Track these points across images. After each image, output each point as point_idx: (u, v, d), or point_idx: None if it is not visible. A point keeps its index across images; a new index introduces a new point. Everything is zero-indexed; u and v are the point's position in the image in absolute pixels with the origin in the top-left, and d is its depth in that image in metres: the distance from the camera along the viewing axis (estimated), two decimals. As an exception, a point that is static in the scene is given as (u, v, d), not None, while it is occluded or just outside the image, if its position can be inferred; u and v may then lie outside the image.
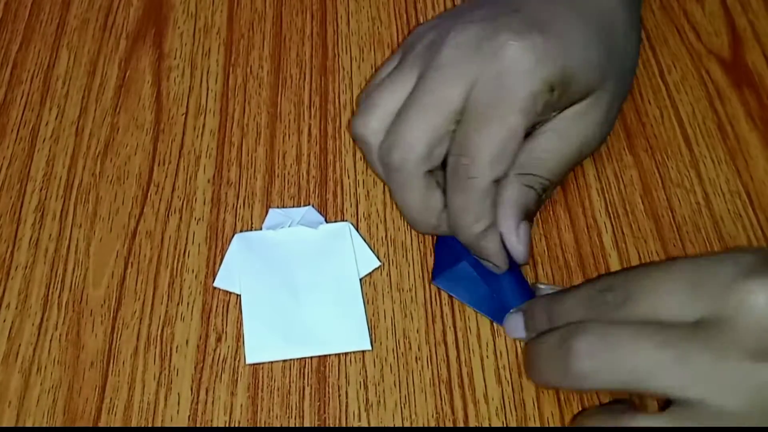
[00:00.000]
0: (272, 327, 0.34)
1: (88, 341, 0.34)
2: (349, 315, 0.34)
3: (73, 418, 0.32)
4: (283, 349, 0.34)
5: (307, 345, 0.34)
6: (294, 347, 0.34)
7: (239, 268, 0.36)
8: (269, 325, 0.34)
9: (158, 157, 0.39)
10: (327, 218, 0.37)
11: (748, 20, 0.44)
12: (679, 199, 0.38)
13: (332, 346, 0.34)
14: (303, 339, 0.34)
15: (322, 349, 0.34)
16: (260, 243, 0.36)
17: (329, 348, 0.34)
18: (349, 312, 0.34)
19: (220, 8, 0.45)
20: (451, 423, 0.32)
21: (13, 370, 0.33)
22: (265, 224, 0.37)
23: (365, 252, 0.36)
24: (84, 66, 0.42)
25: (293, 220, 0.37)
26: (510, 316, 0.34)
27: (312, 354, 0.34)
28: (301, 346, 0.34)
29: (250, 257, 0.36)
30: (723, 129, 0.40)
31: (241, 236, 0.36)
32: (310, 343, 0.34)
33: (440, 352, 0.34)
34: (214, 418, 0.32)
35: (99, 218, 0.37)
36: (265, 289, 0.35)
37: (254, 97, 0.41)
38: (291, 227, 0.37)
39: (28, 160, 0.39)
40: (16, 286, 0.35)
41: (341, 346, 0.34)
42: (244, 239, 0.36)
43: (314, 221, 0.37)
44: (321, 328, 0.34)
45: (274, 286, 0.35)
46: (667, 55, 0.42)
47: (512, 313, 0.34)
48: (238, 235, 0.36)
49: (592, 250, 0.36)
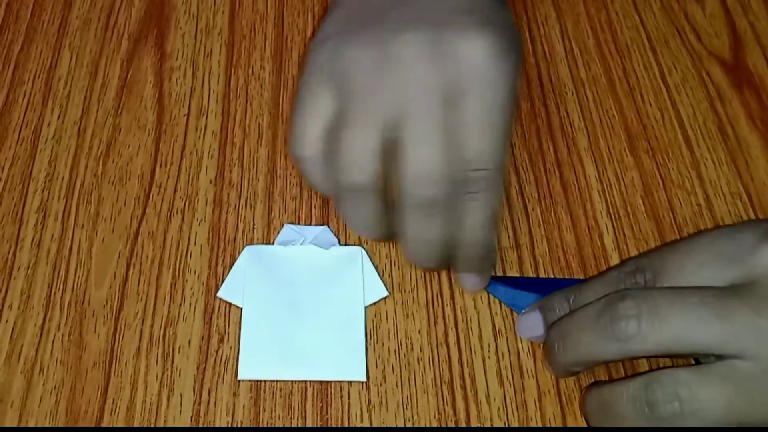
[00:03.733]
0: (269, 345, 0.34)
1: (91, 342, 0.34)
2: (348, 342, 0.34)
3: (76, 419, 0.32)
4: (277, 369, 0.33)
5: (301, 368, 0.33)
6: (288, 369, 0.33)
7: (245, 280, 0.35)
8: (266, 343, 0.34)
9: (160, 157, 0.39)
10: (330, 221, 0.37)
11: (749, 22, 0.44)
12: (680, 200, 0.38)
13: (327, 372, 0.33)
14: (298, 361, 0.33)
15: (316, 375, 0.33)
16: (269, 258, 0.36)
17: (323, 374, 0.33)
18: (348, 339, 0.34)
19: (222, 9, 0.45)
20: (453, 424, 0.32)
21: (16, 371, 0.33)
22: (277, 239, 0.36)
23: (374, 280, 0.35)
24: (86, 66, 0.42)
25: (306, 238, 0.36)
26: (524, 315, 0.34)
27: (305, 378, 0.33)
28: (295, 369, 0.33)
29: (258, 271, 0.35)
30: (724, 130, 0.40)
31: (251, 249, 0.36)
32: (305, 366, 0.33)
33: (442, 353, 0.34)
34: (217, 419, 0.32)
35: (101, 219, 0.37)
36: (267, 306, 0.35)
37: (256, 97, 0.41)
38: (303, 245, 0.36)
39: (30, 161, 0.39)
40: (18, 286, 0.35)
41: (336, 374, 0.33)
42: (254, 252, 0.36)
43: (327, 242, 0.36)
44: (318, 353, 0.34)
45: (276, 303, 0.35)
46: (668, 56, 0.43)
47: (526, 311, 0.34)
48: (248, 247, 0.36)
49: (593, 251, 0.36)
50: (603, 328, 0.29)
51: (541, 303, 0.33)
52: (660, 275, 0.30)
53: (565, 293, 0.32)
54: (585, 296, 0.31)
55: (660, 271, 0.30)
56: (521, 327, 0.34)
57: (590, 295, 0.31)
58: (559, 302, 0.32)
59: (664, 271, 0.30)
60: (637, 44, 0.43)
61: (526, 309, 0.34)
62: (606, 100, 0.41)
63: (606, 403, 0.30)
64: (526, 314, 0.34)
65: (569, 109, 0.41)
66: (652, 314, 0.28)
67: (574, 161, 0.39)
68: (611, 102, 0.41)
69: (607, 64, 0.42)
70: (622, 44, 0.43)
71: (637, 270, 0.30)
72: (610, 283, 0.31)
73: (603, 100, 0.41)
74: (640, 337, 0.28)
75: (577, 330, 0.30)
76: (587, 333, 0.29)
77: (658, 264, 0.30)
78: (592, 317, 0.29)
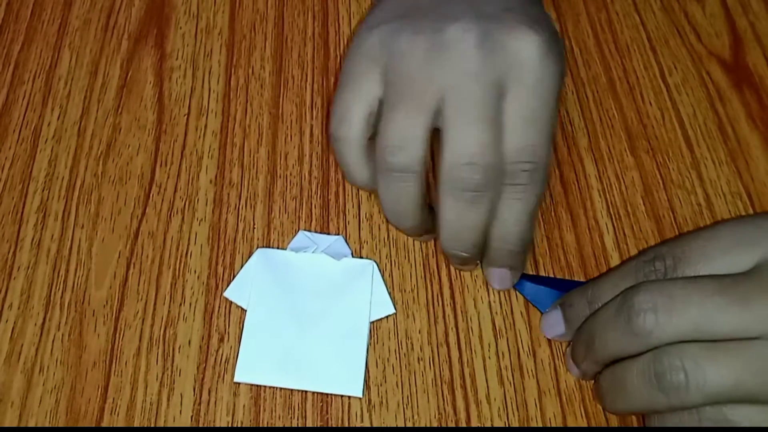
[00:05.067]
0: (269, 351, 0.34)
1: (91, 342, 0.34)
2: (348, 356, 0.33)
3: (76, 419, 0.32)
4: (274, 376, 0.33)
5: (298, 378, 0.33)
6: (285, 377, 0.33)
7: (252, 283, 0.35)
8: (266, 348, 0.34)
9: (160, 157, 0.39)
10: (330, 222, 0.37)
11: (749, 21, 0.44)
12: (680, 200, 0.38)
13: (323, 384, 0.33)
14: (296, 370, 0.33)
15: (313, 386, 0.33)
16: (280, 263, 0.36)
17: (320, 386, 0.33)
18: (349, 353, 0.33)
19: (222, 9, 0.45)
20: (454, 424, 0.32)
21: (16, 371, 0.33)
22: (290, 245, 0.36)
23: (382, 295, 0.35)
24: (86, 66, 0.42)
25: (318, 246, 0.36)
26: (546, 314, 0.34)
27: (301, 388, 0.33)
28: (292, 378, 0.33)
29: (266, 275, 0.35)
30: (724, 130, 0.40)
31: (262, 252, 0.36)
32: (302, 376, 0.33)
33: (442, 352, 0.34)
34: (217, 419, 0.32)
35: (101, 219, 0.37)
36: (271, 311, 0.34)
37: (256, 97, 0.41)
38: (314, 253, 0.36)
39: (30, 161, 0.39)
40: (18, 286, 0.35)
41: (332, 387, 0.33)
42: (265, 255, 0.36)
43: (339, 252, 0.36)
44: (316, 364, 0.33)
45: (281, 309, 0.35)
46: (668, 56, 0.42)
47: (548, 311, 0.34)
48: (260, 249, 0.36)
49: (593, 251, 0.36)
50: (623, 324, 0.29)
51: (561, 300, 0.33)
52: (681, 261, 0.30)
53: (583, 288, 0.32)
54: (602, 289, 0.31)
55: (681, 257, 0.30)
56: (544, 326, 0.34)
57: (607, 288, 0.31)
58: (577, 297, 0.32)
59: (686, 257, 0.30)
60: (638, 44, 0.43)
61: (547, 309, 0.34)
62: (606, 100, 0.41)
63: (618, 378, 0.30)
64: (548, 313, 0.34)
65: (569, 109, 0.41)
66: (668, 306, 0.28)
67: (575, 161, 0.39)
68: (611, 102, 0.41)
69: (607, 63, 0.42)
70: (622, 44, 0.43)
71: (656, 257, 0.30)
72: (628, 273, 0.31)
73: (603, 99, 0.41)
74: (660, 330, 0.28)
75: (599, 330, 0.30)
76: (609, 332, 0.29)
77: (679, 250, 0.30)
78: (611, 316, 0.29)
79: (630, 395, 0.29)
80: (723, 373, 0.27)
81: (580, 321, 0.32)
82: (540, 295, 0.34)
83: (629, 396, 0.29)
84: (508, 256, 0.33)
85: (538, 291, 0.35)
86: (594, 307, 0.31)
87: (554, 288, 0.34)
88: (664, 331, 0.28)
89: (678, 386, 0.27)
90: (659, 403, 0.28)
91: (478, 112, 0.30)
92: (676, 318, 0.28)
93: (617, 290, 0.30)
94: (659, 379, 0.27)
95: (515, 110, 0.30)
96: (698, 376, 0.27)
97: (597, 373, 0.32)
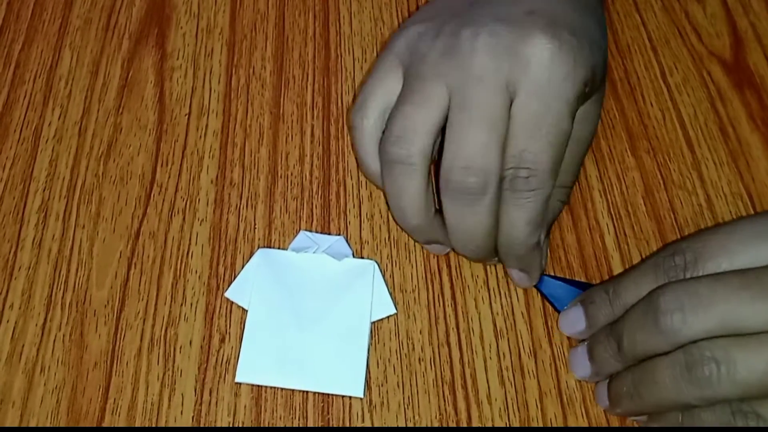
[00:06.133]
0: (270, 351, 0.34)
1: (92, 342, 0.34)
2: (349, 357, 0.33)
3: (77, 419, 0.32)
4: (275, 376, 0.33)
5: (299, 378, 0.33)
6: (286, 377, 0.33)
7: (253, 283, 0.35)
8: (268, 348, 0.34)
9: (161, 157, 0.39)
10: (331, 222, 0.37)
11: (750, 22, 0.44)
12: (681, 200, 0.38)
13: (324, 385, 0.33)
14: (297, 371, 0.33)
15: (314, 386, 0.33)
16: (281, 263, 0.36)
17: (321, 386, 0.33)
18: (350, 353, 0.33)
19: (223, 8, 0.45)
20: (455, 424, 0.32)
21: (17, 371, 0.33)
22: (291, 245, 0.36)
23: (383, 296, 0.35)
24: (87, 66, 0.42)
25: (320, 246, 0.36)
26: (566, 312, 0.34)
27: (302, 388, 0.33)
28: (293, 378, 0.33)
29: (267, 275, 0.35)
30: (725, 131, 0.40)
31: (263, 252, 0.36)
32: (303, 376, 0.33)
33: (443, 353, 0.34)
34: (218, 419, 0.32)
35: (102, 219, 0.37)
36: (272, 312, 0.34)
37: (257, 97, 0.41)
38: (315, 253, 0.36)
39: (31, 161, 0.39)
40: (19, 286, 0.35)
41: (333, 388, 0.33)
42: (266, 256, 0.36)
43: (340, 253, 0.36)
44: (318, 364, 0.33)
45: (282, 310, 0.35)
46: (669, 56, 0.43)
47: (567, 308, 0.34)
48: (261, 250, 0.36)
49: (594, 251, 0.36)
50: (651, 325, 0.29)
51: (582, 297, 0.33)
52: (702, 255, 0.29)
53: (604, 285, 0.32)
54: (623, 285, 0.31)
55: (702, 251, 0.29)
56: (564, 323, 0.34)
57: (628, 284, 0.31)
58: (598, 294, 0.32)
59: (707, 252, 0.29)
60: (638, 44, 0.43)
61: (568, 305, 0.34)
62: (607, 101, 0.41)
63: (645, 372, 0.29)
64: (568, 309, 0.34)
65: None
66: (695, 304, 0.28)
67: (575, 161, 0.39)
68: (612, 102, 0.41)
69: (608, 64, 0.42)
70: (623, 44, 0.43)
71: (676, 252, 0.30)
72: (649, 269, 0.31)
73: (604, 100, 0.41)
74: (688, 328, 0.28)
75: (627, 331, 0.30)
76: (637, 332, 0.29)
77: (699, 245, 0.30)
78: (638, 317, 0.29)
79: (659, 389, 0.29)
80: (754, 362, 0.27)
81: (600, 318, 0.32)
82: (558, 294, 0.34)
83: (658, 390, 0.29)
84: (515, 259, 0.33)
85: (556, 289, 0.35)
86: (615, 304, 0.31)
87: (573, 287, 0.34)
88: (692, 329, 0.28)
89: (710, 376, 0.27)
90: (690, 395, 0.28)
91: (479, 114, 0.30)
92: (703, 315, 0.28)
93: (638, 286, 0.30)
94: (691, 369, 0.27)
95: (519, 115, 0.30)
96: (729, 365, 0.27)
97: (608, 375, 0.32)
